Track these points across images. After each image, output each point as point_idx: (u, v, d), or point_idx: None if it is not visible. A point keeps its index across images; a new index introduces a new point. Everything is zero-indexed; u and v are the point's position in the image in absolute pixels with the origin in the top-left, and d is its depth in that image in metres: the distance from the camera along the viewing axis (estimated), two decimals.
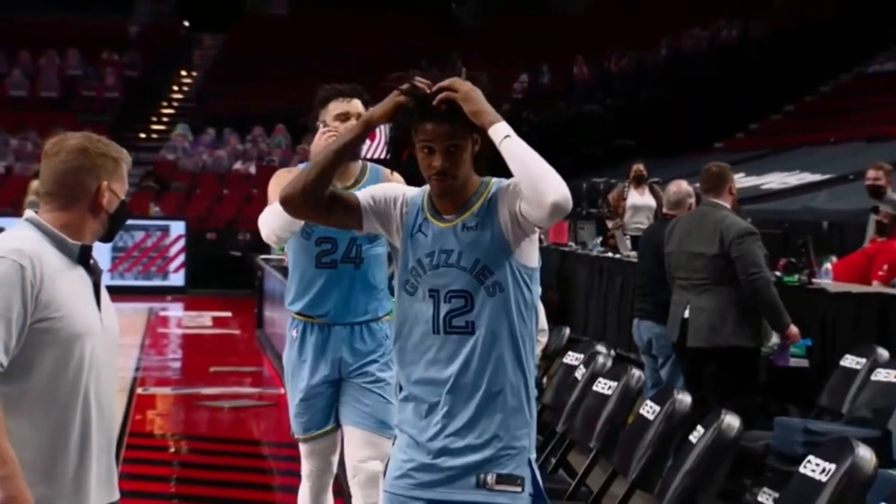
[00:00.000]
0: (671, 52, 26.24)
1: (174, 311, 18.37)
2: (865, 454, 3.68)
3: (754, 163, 18.50)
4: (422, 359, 3.04)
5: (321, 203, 3.03)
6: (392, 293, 4.03)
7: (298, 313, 4.43)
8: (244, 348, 13.97)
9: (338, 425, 4.49)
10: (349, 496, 4.54)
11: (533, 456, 3.08)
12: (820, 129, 20.41)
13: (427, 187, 3.10)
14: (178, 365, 13.20)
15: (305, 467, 4.61)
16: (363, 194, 3.12)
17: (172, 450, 8.63)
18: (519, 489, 3.00)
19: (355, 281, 4.35)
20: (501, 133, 2.93)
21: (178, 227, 20.30)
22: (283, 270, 13.28)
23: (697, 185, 7.23)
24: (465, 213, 3.04)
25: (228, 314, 16.79)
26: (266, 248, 17.70)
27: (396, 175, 4.37)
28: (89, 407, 2.93)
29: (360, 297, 4.34)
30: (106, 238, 3.02)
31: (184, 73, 30.76)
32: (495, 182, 3.07)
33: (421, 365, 3.05)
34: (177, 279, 20.15)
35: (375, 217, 3.09)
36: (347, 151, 3.04)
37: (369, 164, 4.50)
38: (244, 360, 12.81)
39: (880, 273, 8.12)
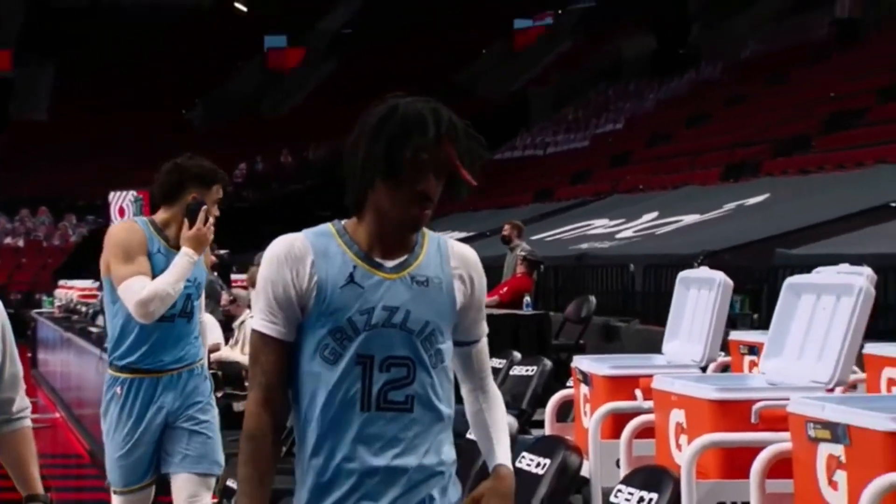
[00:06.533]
0: None
1: None
2: (512, 422, 3.95)
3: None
4: (341, 440, 1.90)
5: (285, 415, 1.97)
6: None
7: (127, 366, 3.66)
8: None
9: (156, 476, 3.71)
10: None
11: None
12: (467, 201, 21.35)
13: (328, 226, 1.98)
14: None
15: None
16: (276, 330, 1.92)
17: None
18: None
19: (187, 332, 3.69)
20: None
21: None
22: (55, 320, 12.61)
23: None
24: (412, 262, 1.94)
25: None
26: (37, 304, 16.89)
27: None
28: None
29: (189, 346, 3.70)
30: None
31: None
32: (431, 233, 2.02)
33: (338, 449, 1.90)
34: None
35: (296, 322, 1.93)
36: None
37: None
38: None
39: (501, 292, 8.91)
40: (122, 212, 17.89)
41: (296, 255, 1.91)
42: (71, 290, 14.97)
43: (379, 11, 31.87)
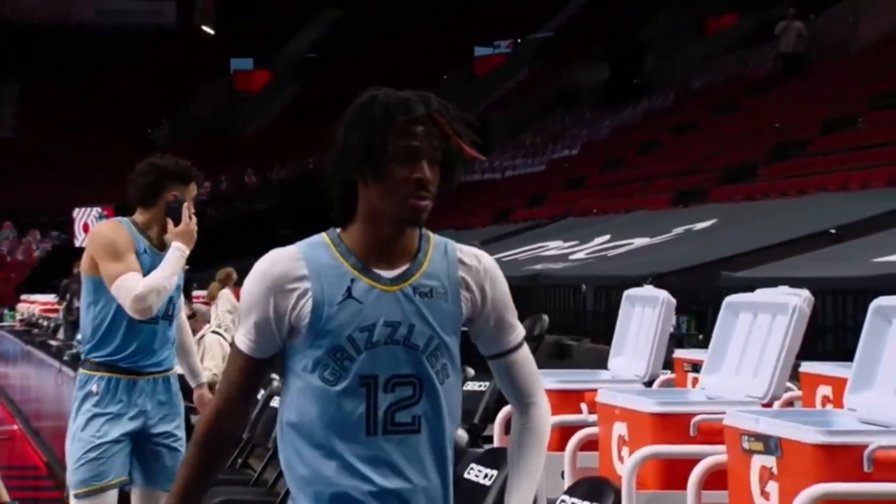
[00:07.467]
0: (317, 165, 26.92)
1: None
2: (462, 434, 3.96)
3: None
4: (341, 464, 1.72)
5: (249, 410, 1.90)
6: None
7: (105, 364, 3.49)
8: None
9: (119, 482, 3.52)
10: None
11: None
12: (433, 223, 21.42)
13: (322, 236, 1.78)
14: None
15: None
16: (247, 346, 1.79)
17: None
18: None
19: (167, 335, 3.56)
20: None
21: None
22: (16, 333, 12.44)
23: None
24: (415, 271, 1.76)
25: None
26: None
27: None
28: None
29: (167, 351, 3.57)
30: None
31: None
32: (437, 237, 1.84)
33: (342, 474, 1.72)
34: None
35: (273, 343, 1.78)
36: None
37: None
38: None
39: None
40: (86, 228, 17.71)
41: (280, 273, 1.74)
42: (33, 305, 14.79)
43: (343, 37, 31.96)
